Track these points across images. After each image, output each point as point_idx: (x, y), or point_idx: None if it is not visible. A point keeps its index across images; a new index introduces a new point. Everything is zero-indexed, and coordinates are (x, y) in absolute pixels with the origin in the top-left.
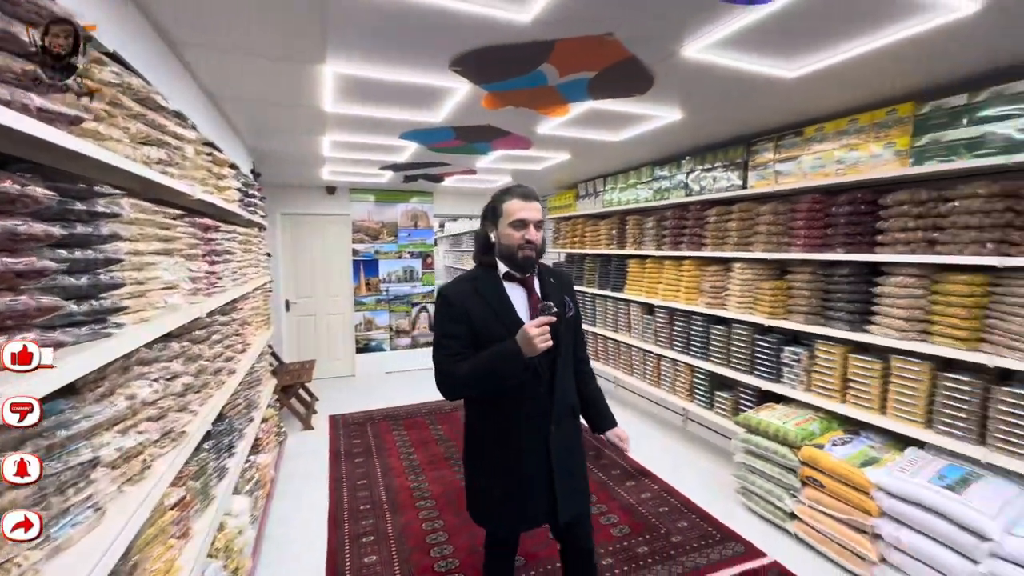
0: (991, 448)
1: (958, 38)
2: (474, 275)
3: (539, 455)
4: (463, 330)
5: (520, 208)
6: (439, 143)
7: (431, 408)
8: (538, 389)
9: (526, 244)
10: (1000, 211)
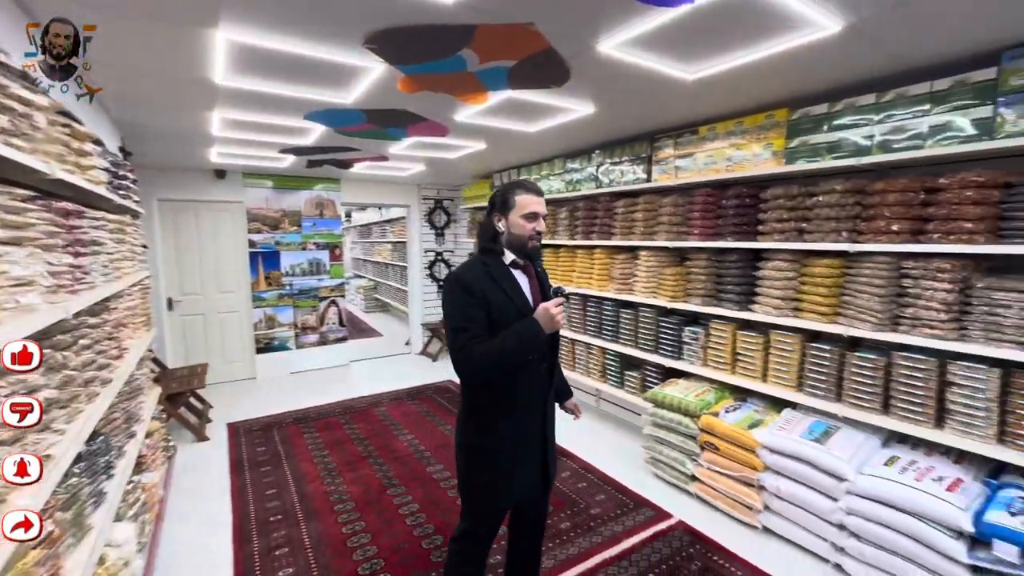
0: (845, 404)
1: (823, 54)
2: (483, 262)
3: (537, 426)
4: (482, 314)
5: (533, 202)
6: (349, 127)
7: (344, 407)
8: (541, 365)
9: (536, 235)
10: (851, 205)
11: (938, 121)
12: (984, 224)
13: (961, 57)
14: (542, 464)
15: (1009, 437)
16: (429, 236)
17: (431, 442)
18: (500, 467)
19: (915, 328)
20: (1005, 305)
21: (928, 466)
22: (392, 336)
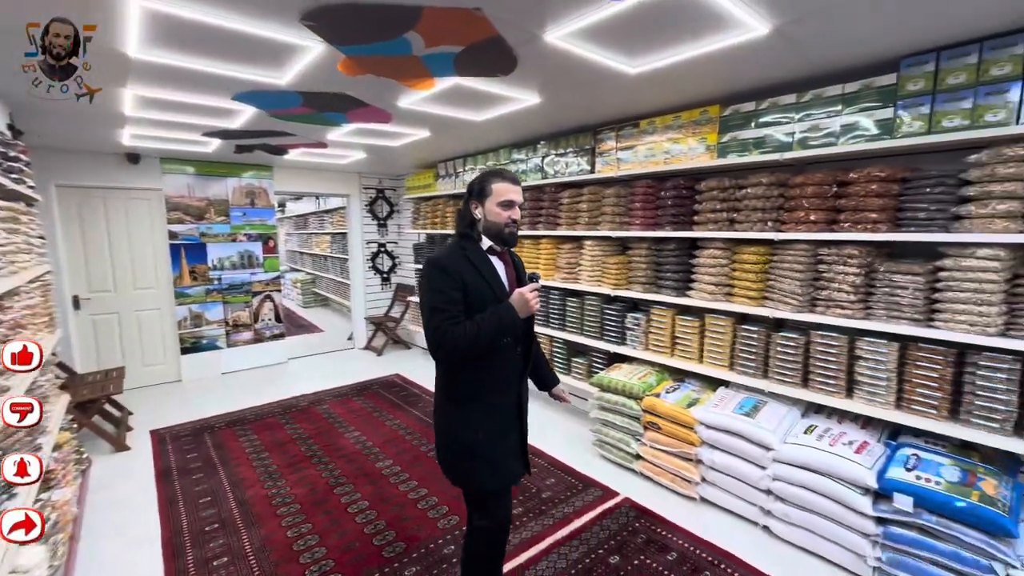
0: (771, 380)
1: (752, 55)
2: (461, 246)
3: (512, 407)
4: (459, 296)
5: (509, 190)
6: (283, 110)
7: (284, 407)
8: (516, 350)
9: (512, 222)
10: (775, 197)
11: (848, 121)
12: (886, 214)
13: (868, 63)
14: (520, 445)
15: (905, 403)
16: (371, 227)
17: (379, 438)
18: (482, 451)
19: (829, 309)
20: (902, 286)
21: (840, 432)
22: (334, 331)
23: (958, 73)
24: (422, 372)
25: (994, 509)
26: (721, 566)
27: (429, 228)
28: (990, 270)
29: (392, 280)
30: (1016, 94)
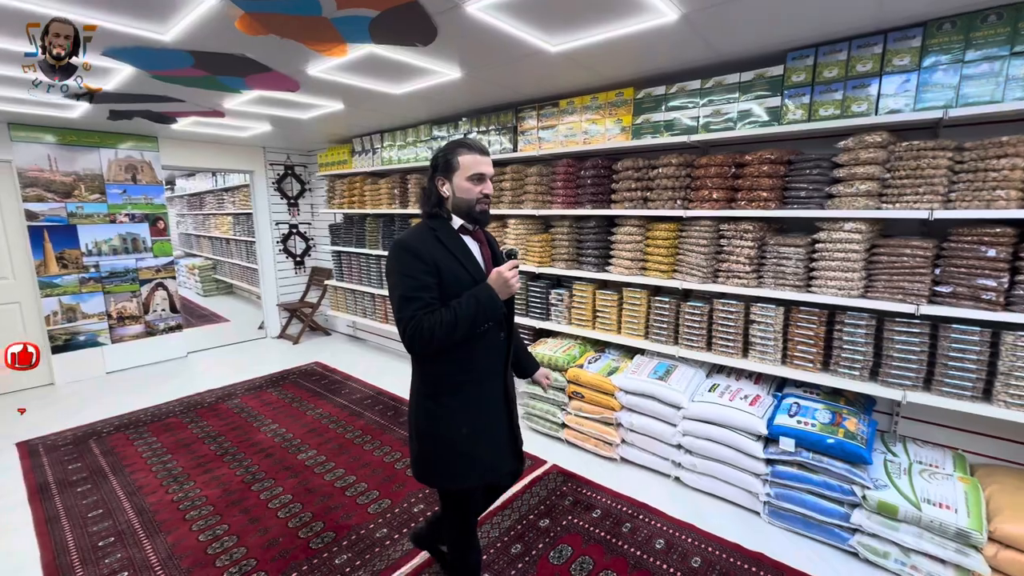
0: (681, 346)
1: (662, 40)
2: (431, 227)
3: (499, 398)
4: (433, 282)
5: (478, 162)
6: (169, 70)
7: (187, 405)
8: (499, 335)
9: (483, 198)
10: (683, 177)
11: (744, 107)
12: (775, 193)
13: (762, 54)
14: (511, 438)
15: (789, 359)
16: (280, 207)
17: (300, 429)
18: (465, 448)
19: (729, 279)
20: (787, 257)
21: (738, 388)
22: (242, 321)
23: (832, 67)
24: (344, 358)
25: (855, 443)
26: (640, 517)
27: (346, 207)
28: (854, 241)
29: (307, 264)
30: (875, 88)
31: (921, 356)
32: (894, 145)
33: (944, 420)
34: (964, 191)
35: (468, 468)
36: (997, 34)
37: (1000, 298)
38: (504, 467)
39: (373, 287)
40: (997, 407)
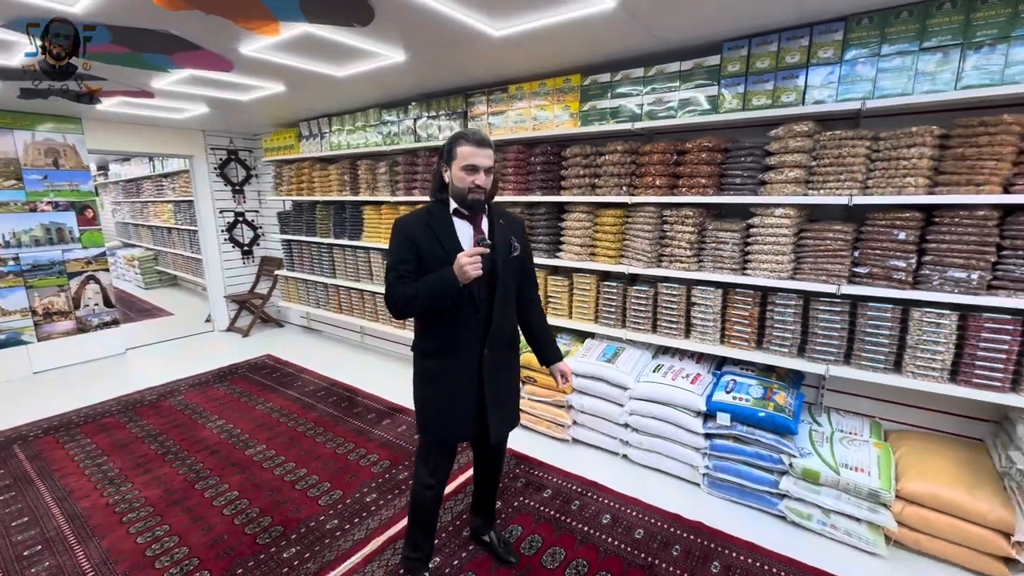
0: (628, 328)
1: (604, 27)
2: (429, 209)
3: (471, 377)
4: (412, 257)
5: (472, 154)
6: (89, 46)
7: (124, 404)
8: (475, 316)
9: (475, 188)
10: (629, 163)
11: (685, 96)
12: (713, 180)
13: (700, 44)
14: (477, 412)
15: (727, 338)
16: (224, 193)
17: (248, 424)
18: (431, 403)
19: (672, 263)
20: (724, 241)
21: (681, 368)
22: (187, 314)
23: (764, 58)
24: (298, 350)
25: (783, 415)
26: (588, 494)
27: (295, 194)
28: (783, 226)
29: (255, 253)
30: (802, 79)
31: (842, 333)
32: (819, 134)
33: (863, 391)
34: (879, 178)
35: (434, 424)
36: (908, 30)
37: (909, 277)
38: (466, 434)
39: (326, 277)
40: (906, 377)
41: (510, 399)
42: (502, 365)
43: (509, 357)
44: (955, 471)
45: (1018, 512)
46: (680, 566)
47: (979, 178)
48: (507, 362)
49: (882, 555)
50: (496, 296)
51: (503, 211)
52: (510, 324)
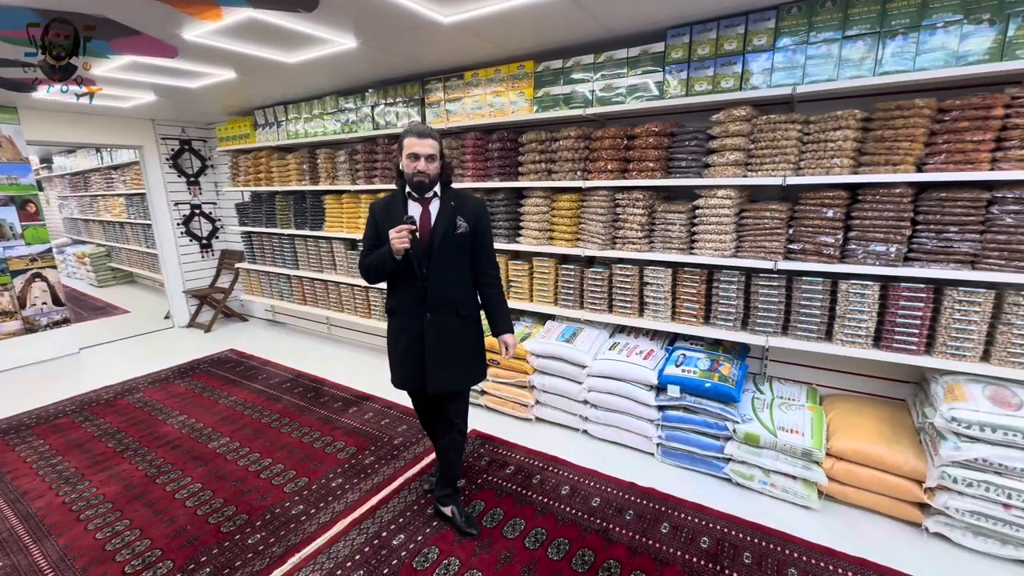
0: (586, 310)
1: (553, 14)
2: (392, 195)
3: (415, 334)
4: (373, 233)
5: (413, 144)
6: (13, 31)
7: (79, 403)
8: (416, 283)
9: (418, 173)
10: (582, 149)
11: (633, 82)
12: (660, 163)
13: (646, 31)
14: (419, 365)
15: (677, 315)
16: (179, 185)
17: (211, 418)
18: (391, 354)
19: (625, 245)
20: (672, 223)
21: (635, 345)
22: (145, 311)
23: (704, 45)
24: (262, 343)
25: (727, 385)
26: (550, 469)
27: (253, 185)
28: (725, 206)
29: (215, 247)
30: (740, 66)
31: (780, 306)
32: (756, 119)
33: (801, 360)
34: (810, 159)
35: (392, 374)
36: (832, 19)
37: (837, 252)
38: (414, 386)
39: (289, 268)
40: (837, 345)
41: (455, 361)
42: (445, 328)
43: (455, 322)
44: (878, 428)
45: (929, 462)
46: (632, 528)
47: (896, 158)
48: (451, 326)
49: (815, 508)
50: (432, 265)
51: (460, 194)
52: (454, 292)
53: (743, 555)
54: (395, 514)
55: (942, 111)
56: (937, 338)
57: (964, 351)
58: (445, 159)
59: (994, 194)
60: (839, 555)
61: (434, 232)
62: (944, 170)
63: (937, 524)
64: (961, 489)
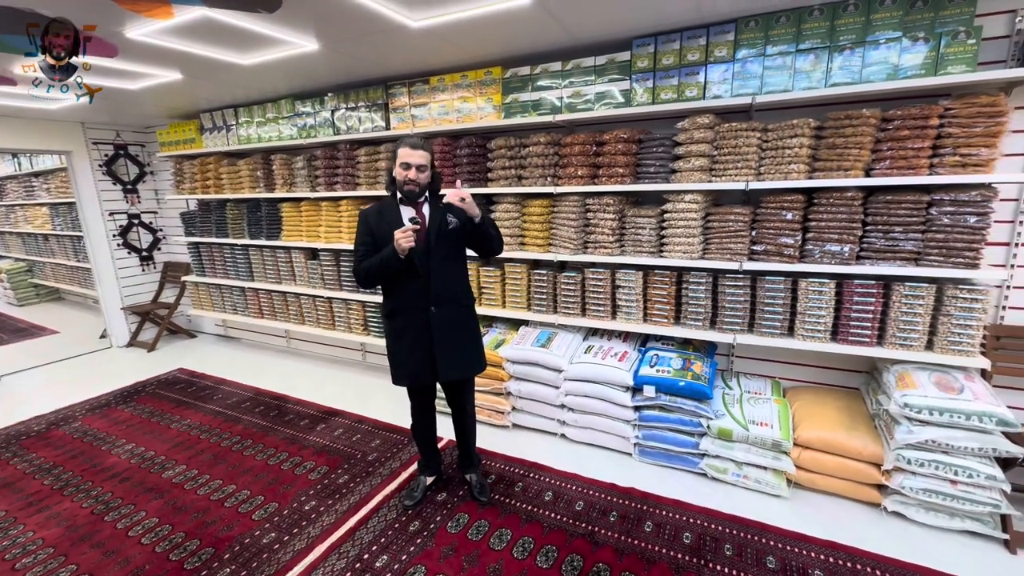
0: (560, 314)
1: (522, 21)
2: (384, 201)
3: (422, 329)
4: (369, 239)
5: (406, 154)
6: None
7: (7, 435)
8: (417, 280)
9: (409, 181)
10: (552, 155)
11: (600, 89)
12: (629, 169)
13: (613, 40)
14: (432, 359)
15: (649, 317)
16: (114, 194)
17: (163, 445)
18: (395, 355)
19: (596, 249)
20: (642, 227)
21: (609, 347)
22: (76, 331)
23: (668, 56)
24: (215, 361)
25: (699, 382)
26: (531, 475)
27: (200, 193)
28: (692, 210)
29: (157, 259)
30: (703, 76)
31: (745, 304)
32: (719, 126)
33: (765, 355)
34: (770, 165)
35: (398, 373)
36: (787, 33)
37: (796, 252)
38: (425, 378)
39: (243, 280)
40: (798, 340)
41: (463, 347)
42: (450, 319)
43: (457, 312)
44: (838, 417)
45: (886, 446)
46: (617, 530)
47: (846, 164)
48: (455, 317)
49: (785, 496)
50: (431, 262)
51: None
52: (454, 285)
53: (724, 547)
54: (376, 534)
55: (886, 120)
56: (887, 330)
57: (911, 341)
58: (435, 170)
59: (933, 197)
60: (811, 540)
61: (430, 231)
62: (889, 175)
63: (894, 503)
64: (914, 469)
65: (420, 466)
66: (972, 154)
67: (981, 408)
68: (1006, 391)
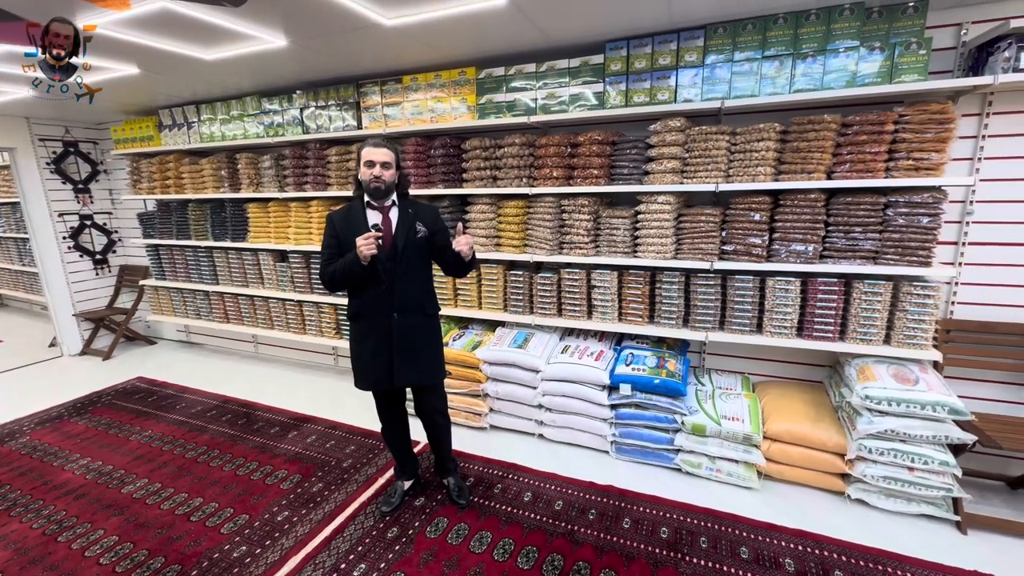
0: (536, 315)
1: (497, 21)
2: (351, 204)
3: (383, 335)
4: (335, 242)
5: (368, 153)
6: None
7: None
8: (381, 287)
9: (375, 179)
10: (527, 156)
11: (574, 91)
12: (603, 171)
13: (587, 43)
14: (390, 363)
15: (624, 316)
16: (64, 193)
17: (122, 459)
18: (357, 358)
19: (572, 250)
20: (616, 227)
21: (586, 347)
22: (22, 339)
23: (641, 59)
24: (177, 368)
25: (674, 380)
26: (509, 476)
27: (159, 193)
28: (665, 211)
29: (112, 262)
30: (674, 80)
31: (716, 303)
32: (690, 129)
33: (735, 352)
34: (738, 168)
35: (360, 376)
36: (753, 40)
37: (764, 252)
38: (384, 384)
39: (207, 284)
40: (766, 336)
41: (420, 356)
42: (412, 327)
43: (420, 321)
44: (804, 410)
45: (848, 436)
46: (596, 528)
47: (810, 167)
48: (418, 325)
49: (756, 488)
50: (397, 269)
51: (416, 202)
52: (418, 293)
53: (700, 540)
54: (353, 543)
55: (845, 126)
56: (849, 326)
57: (870, 336)
58: (402, 170)
59: (889, 199)
60: (781, 529)
61: (396, 237)
62: (849, 178)
63: (857, 491)
64: (875, 458)
65: (396, 471)
66: (924, 158)
67: (935, 398)
68: (956, 381)
